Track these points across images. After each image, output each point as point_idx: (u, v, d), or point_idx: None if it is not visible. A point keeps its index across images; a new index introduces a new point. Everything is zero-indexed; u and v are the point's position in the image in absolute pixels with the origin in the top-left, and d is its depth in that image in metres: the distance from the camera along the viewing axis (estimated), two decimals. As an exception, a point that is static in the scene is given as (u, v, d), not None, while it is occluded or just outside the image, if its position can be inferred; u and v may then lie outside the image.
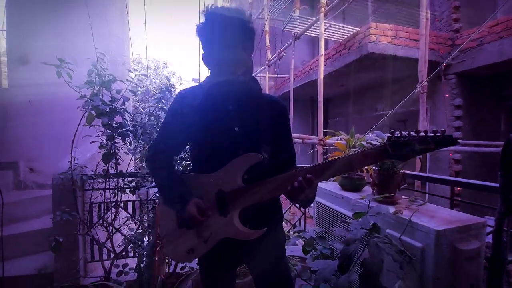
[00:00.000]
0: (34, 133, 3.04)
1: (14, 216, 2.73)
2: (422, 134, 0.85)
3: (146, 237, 1.61)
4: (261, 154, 0.97)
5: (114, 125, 1.54)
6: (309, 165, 0.94)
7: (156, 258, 1.30)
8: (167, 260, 1.61)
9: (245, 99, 1.02)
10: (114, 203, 1.74)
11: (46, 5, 3.22)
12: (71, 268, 1.79)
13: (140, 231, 1.70)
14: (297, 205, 2.14)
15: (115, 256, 1.67)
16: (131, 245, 1.62)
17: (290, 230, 2.39)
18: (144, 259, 1.40)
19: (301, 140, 4.56)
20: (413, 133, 0.85)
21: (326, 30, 4.42)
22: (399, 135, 0.84)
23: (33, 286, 1.77)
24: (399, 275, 0.98)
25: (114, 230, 1.76)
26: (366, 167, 1.86)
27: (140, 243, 1.61)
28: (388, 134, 0.88)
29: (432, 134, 0.85)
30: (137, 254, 1.59)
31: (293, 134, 5.02)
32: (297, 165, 1.11)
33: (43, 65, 1.70)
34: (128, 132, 1.60)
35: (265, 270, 1.10)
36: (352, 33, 4.54)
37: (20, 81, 3.05)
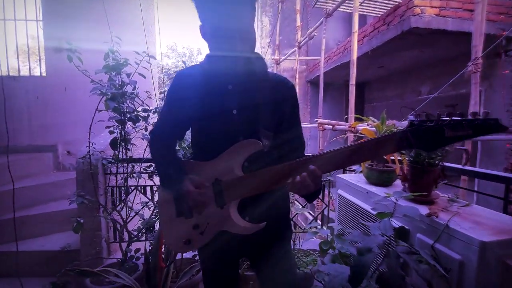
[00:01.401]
0: (69, 118, 3.23)
1: (53, 196, 2.96)
2: (457, 117, 0.66)
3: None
4: (261, 141, 0.86)
5: (124, 109, 1.52)
6: (311, 155, 0.80)
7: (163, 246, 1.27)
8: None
9: (246, 78, 0.90)
10: (127, 188, 1.77)
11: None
12: (93, 248, 1.88)
13: (154, 217, 1.71)
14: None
15: (130, 239, 1.70)
16: (144, 230, 1.62)
17: (311, 222, 2.25)
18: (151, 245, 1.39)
19: (331, 126, 4.28)
20: (444, 117, 0.66)
21: (362, 4, 3.98)
22: (424, 119, 0.66)
23: (59, 262, 1.90)
24: (427, 294, 0.81)
25: (129, 214, 1.80)
26: (400, 157, 1.63)
27: (152, 228, 1.62)
28: (411, 118, 0.69)
29: (471, 118, 0.65)
30: (147, 239, 1.59)
31: (323, 120, 4.76)
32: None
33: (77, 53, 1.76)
34: (139, 117, 1.57)
35: (267, 266, 1.01)
36: (393, 6, 4.04)
37: (57, 70, 3.22)
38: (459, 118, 0.67)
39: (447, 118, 0.68)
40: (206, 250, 1.01)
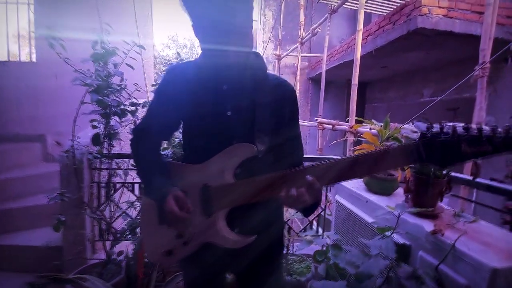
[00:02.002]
0: (60, 107, 3.10)
1: (42, 187, 2.86)
2: (474, 131, 0.57)
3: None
4: (255, 146, 0.78)
5: (110, 102, 1.42)
6: (309, 164, 0.72)
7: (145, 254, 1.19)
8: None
9: (243, 77, 0.82)
10: (110, 184, 1.68)
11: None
12: (76, 247, 1.79)
13: (139, 217, 1.62)
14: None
15: (114, 240, 1.61)
16: (128, 231, 1.54)
17: (306, 229, 2.17)
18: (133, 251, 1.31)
19: (331, 126, 4.19)
20: (459, 128, 0.57)
21: (368, 1, 3.85)
22: (438, 130, 0.57)
23: (42, 257, 1.83)
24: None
25: (114, 214, 1.71)
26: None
27: (136, 229, 1.53)
28: (424, 129, 0.61)
29: (490, 132, 0.57)
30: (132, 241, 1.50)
31: (323, 119, 4.66)
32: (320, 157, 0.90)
33: (70, 38, 1.68)
34: (126, 111, 1.47)
35: (254, 284, 0.93)
36: (399, 4, 3.92)
37: (47, 56, 3.08)
38: (477, 132, 0.58)
39: (463, 131, 0.59)
40: (189, 262, 0.92)
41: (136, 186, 1.90)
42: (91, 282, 1.06)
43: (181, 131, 0.95)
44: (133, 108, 1.55)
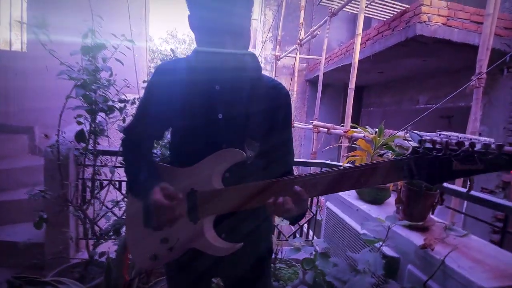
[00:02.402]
0: (49, 99, 3.01)
1: (27, 181, 2.78)
2: (467, 147, 0.55)
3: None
4: (245, 151, 0.76)
5: (96, 98, 1.36)
6: (299, 175, 0.70)
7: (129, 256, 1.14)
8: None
9: (237, 79, 0.79)
10: (93, 182, 1.62)
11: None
12: (58, 245, 1.73)
13: (124, 217, 1.57)
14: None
15: (97, 241, 1.56)
16: (111, 232, 1.49)
17: (296, 236, 2.14)
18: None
19: (326, 129, 4.18)
20: (452, 144, 0.55)
21: (369, 6, 3.83)
22: (430, 146, 0.55)
23: (24, 254, 1.77)
24: None
25: (99, 212, 1.66)
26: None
27: (120, 230, 1.48)
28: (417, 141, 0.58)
29: (482, 150, 0.55)
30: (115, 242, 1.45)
31: (318, 123, 4.63)
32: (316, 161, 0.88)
33: (61, 30, 1.64)
34: (113, 108, 1.42)
35: None
36: (399, 11, 3.91)
37: (39, 46, 3.00)
38: (470, 149, 0.56)
39: (456, 148, 0.56)
40: (173, 266, 0.90)
41: (123, 184, 1.84)
42: (68, 286, 1.01)
43: (170, 131, 0.92)
44: (121, 104, 1.50)
